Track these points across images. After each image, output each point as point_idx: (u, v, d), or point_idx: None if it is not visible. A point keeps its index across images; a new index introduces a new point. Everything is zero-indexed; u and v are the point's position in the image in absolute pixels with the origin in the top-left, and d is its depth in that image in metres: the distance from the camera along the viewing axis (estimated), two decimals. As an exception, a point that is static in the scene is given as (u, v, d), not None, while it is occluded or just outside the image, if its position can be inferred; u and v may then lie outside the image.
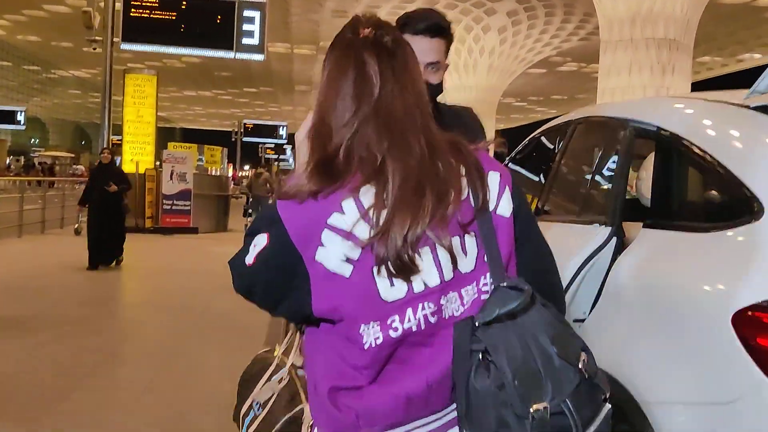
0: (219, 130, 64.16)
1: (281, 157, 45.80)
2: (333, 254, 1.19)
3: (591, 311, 2.38)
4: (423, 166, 1.22)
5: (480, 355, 1.18)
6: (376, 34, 1.28)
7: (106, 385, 4.73)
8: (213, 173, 22.65)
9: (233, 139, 40.93)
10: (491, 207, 1.28)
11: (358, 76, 1.25)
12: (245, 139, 39.86)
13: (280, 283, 1.25)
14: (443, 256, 1.21)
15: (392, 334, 1.20)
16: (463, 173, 1.26)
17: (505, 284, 1.23)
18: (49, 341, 5.77)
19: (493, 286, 1.25)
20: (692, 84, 25.41)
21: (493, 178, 1.30)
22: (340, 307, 1.20)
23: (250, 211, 17.53)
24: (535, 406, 1.13)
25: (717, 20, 27.96)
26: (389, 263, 1.18)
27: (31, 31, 32.02)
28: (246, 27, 16.78)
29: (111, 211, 10.31)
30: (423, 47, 2.08)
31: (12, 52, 42.18)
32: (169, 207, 15.56)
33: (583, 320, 2.39)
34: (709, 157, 2.16)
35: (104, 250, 10.11)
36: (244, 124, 40.52)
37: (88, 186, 10.60)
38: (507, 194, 1.31)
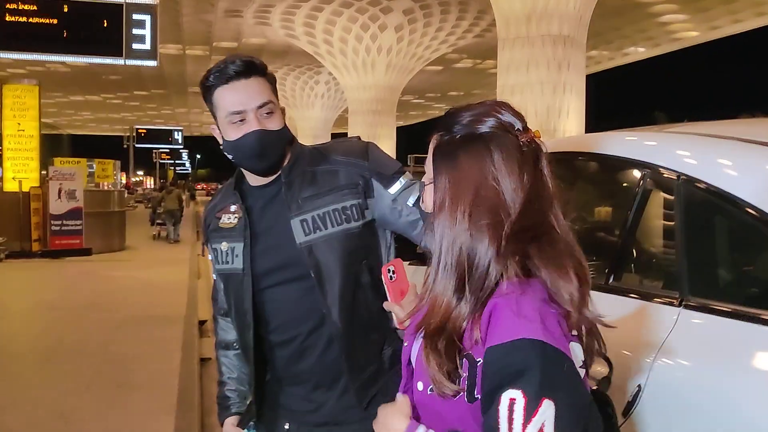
0: (110, 136, 61.48)
1: (177, 162, 44.30)
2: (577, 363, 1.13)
3: None
4: None
5: None
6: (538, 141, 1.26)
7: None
8: (106, 187, 21.42)
9: (125, 146, 39.16)
10: None
11: (541, 185, 1.22)
12: (138, 145, 38.17)
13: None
14: None
15: None
16: None
17: None
18: None
19: None
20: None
21: None
22: None
23: (158, 221, 19.51)
24: None
25: (604, 16, 28.85)
26: None
27: None
28: (136, 31, 15.85)
29: None
30: (242, 92, 1.77)
31: None
32: (58, 228, 14.49)
33: None
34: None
35: None
36: (137, 129, 38.79)
37: None
38: None
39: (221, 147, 1.87)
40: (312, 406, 1.86)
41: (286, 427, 1.90)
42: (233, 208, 1.90)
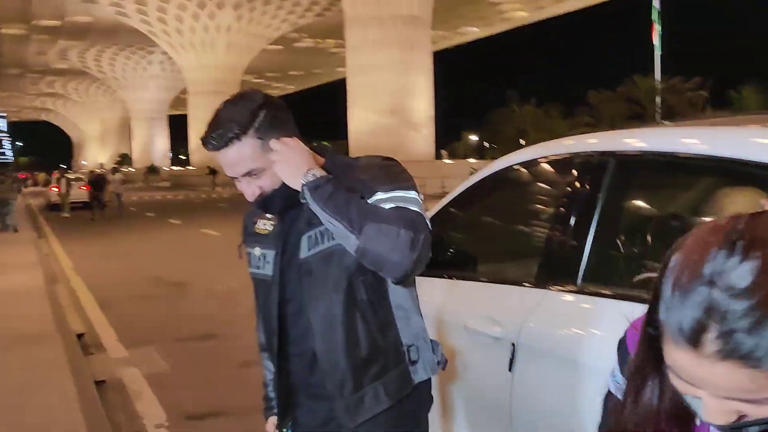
0: None
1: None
2: None
3: None
4: None
5: None
6: None
7: None
8: None
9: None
10: None
11: None
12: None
13: None
14: None
15: None
16: None
17: None
18: None
19: None
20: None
21: None
22: None
23: None
24: None
25: (442, -5, 29.41)
26: None
27: None
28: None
29: None
30: (223, 162, 1.80)
31: None
32: None
33: None
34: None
35: None
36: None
37: None
38: None
39: None
40: (319, 420, 1.93)
41: None
42: (269, 215, 1.95)
